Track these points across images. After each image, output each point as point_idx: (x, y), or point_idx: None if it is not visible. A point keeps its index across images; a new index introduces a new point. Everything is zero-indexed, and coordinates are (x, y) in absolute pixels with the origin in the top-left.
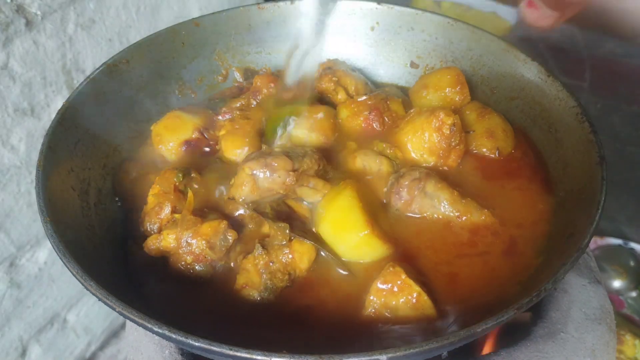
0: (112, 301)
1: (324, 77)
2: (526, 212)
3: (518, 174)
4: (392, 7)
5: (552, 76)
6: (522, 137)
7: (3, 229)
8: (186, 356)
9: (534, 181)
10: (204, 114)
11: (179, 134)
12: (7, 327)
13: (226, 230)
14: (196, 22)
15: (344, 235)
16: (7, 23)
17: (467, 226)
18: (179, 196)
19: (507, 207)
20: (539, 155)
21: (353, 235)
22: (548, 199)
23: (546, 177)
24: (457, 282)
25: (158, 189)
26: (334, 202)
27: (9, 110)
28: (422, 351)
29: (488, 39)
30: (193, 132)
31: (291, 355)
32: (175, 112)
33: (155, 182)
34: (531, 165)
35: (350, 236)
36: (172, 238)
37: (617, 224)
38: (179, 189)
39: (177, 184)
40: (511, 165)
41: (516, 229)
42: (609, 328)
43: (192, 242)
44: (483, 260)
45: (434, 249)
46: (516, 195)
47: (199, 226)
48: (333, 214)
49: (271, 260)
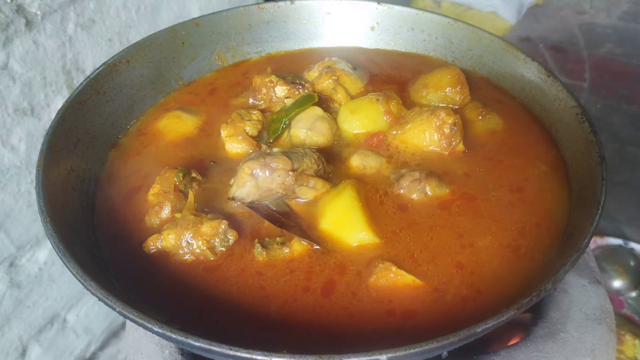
0: (112, 301)
1: (323, 76)
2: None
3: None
4: (392, 7)
5: (552, 76)
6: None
7: (3, 229)
8: (186, 356)
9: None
10: (203, 113)
11: (180, 133)
12: (7, 327)
13: (227, 230)
14: (196, 22)
15: (344, 235)
16: (7, 23)
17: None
18: (179, 196)
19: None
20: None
21: (352, 235)
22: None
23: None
24: (456, 279)
25: (158, 189)
26: (335, 202)
27: (9, 110)
28: (422, 351)
29: (488, 39)
30: (193, 131)
31: (291, 355)
32: (175, 112)
33: (155, 181)
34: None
35: (349, 236)
36: (172, 238)
37: (617, 224)
38: (179, 188)
39: (178, 184)
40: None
41: (516, 228)
42: (609, 328)
43: (192, 242)
44: (481, 257)
45: (431, 248)
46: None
47: (200, 226)
48: (333, 214)
49: (271, 259)
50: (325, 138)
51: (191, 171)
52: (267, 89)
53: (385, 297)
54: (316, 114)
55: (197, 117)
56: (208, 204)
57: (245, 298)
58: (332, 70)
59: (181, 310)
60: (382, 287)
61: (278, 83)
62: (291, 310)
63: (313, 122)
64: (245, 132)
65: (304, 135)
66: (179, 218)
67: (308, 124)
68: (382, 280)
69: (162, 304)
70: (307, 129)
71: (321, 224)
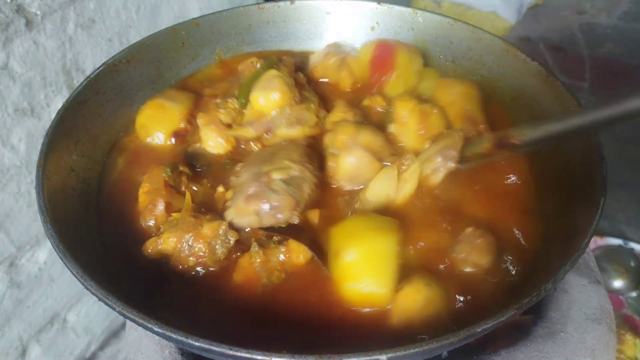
0: (112, 301)
1: (328, 54)
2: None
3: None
4: (392, 7)
5: (552, 76)
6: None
7: (3, 229)
8: (186, 356)
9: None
10: (186, 100)
11: (167, 124)
12: (7, 327)
13: (227, 231)
14: (196, 22)
15: (356, 280)
16: (7, 23)
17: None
18: (170, 191)
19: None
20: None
21: (368, 286)
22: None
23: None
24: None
25: (148, 187)
26: (367, 241)
27: (9, 110)
28: (421, 351)
29: (488, 39)
30: (181, 122)
31: (291, 355)
32: (157, 101)
33: (143, 180)
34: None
35: (362, 285)
36: (173, 241)
37: (617, 224)
38: (169, 183)
39: (167, 179)
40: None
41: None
42: (609, 328)
43: (193, 244)
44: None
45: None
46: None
47: (200, 228)
48: (359, 254)
49: (268, 259)
50: (281, 94)
51: (178, 165)
52: (249, 70)
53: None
54: (272, 74)
55: (182, 105)
56: (204, 204)
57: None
58: (337, 52)
59: (180, 309)
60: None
61: (259, 61)
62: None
63: (268, 82)
64: (219, 120)
65: (262, 96)
66: (176, 218)
67: (263, 84)
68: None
69: (163, 304)
70: (262, 89)
71: (338, 258)
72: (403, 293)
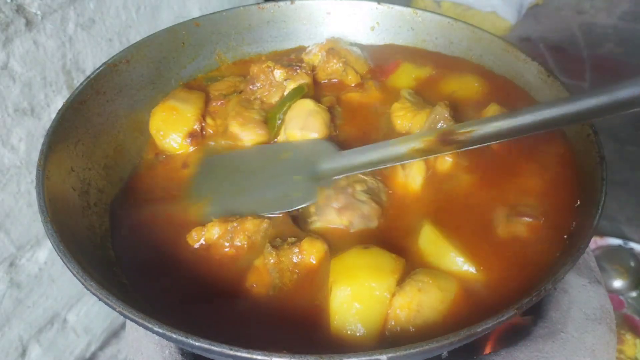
0: (112, 301)
1: (330, 58)
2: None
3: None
4: (392, 7)
5: (552, 76)
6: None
7: (3, 229)
8: (186, 356)
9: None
10: (198, 100)
11: (181, 126)
12: (7, 327)
13: (267, 228)
14: (196, 22)
15: (343, 320)
16: (7, 23)
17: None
18: None
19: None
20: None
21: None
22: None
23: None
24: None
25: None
26: (361, 281)
27: (9, 110)
28: (422, 351)
29: (488, 39)
30: (195, 123)
31: (291, 355)
32: (168, 104)
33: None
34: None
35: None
36: (217, 231)
37: (617, 224)
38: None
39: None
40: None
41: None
42: (609, 328)
43: (235, 237)
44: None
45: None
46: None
47: (243, 222)
48: (349, 294)
49: (280, 260)
50: (320, 134)
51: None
52: (265, 75)
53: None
54: (307, 109)
55: (193, 106)
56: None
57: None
58: (337, 51)
59: (182, 308)
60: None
61: (275, 67)
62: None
63: (305, 120)
64: (255, 119)
65: (300, 134)
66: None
67: (301, 122)
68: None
69: (165, 304)
70: (300, 128)
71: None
72: (397, 298)
